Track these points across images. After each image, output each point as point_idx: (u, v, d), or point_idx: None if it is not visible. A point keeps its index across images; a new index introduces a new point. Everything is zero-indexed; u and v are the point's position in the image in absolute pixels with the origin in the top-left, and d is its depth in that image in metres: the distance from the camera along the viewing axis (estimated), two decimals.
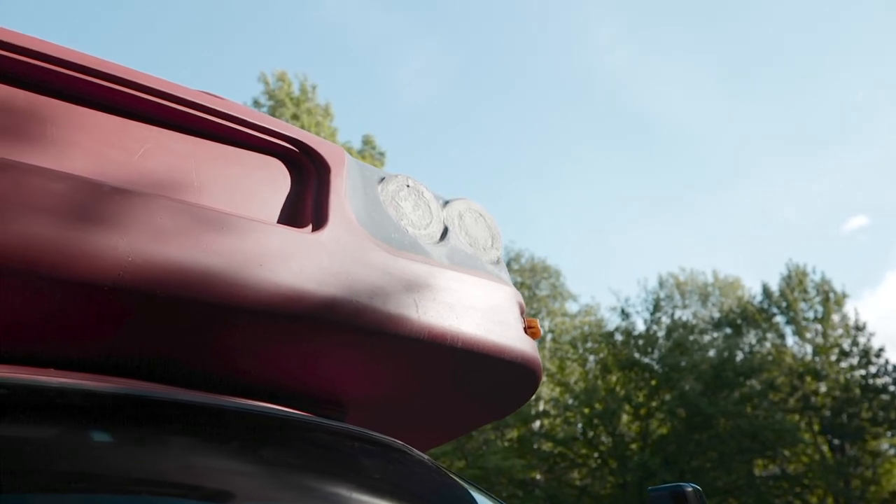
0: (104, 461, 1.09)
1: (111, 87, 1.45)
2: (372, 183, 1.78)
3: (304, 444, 1.40)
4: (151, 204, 1.36)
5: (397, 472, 1.44)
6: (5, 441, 1.03)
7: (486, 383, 1.86)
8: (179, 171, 1.50)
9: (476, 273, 1.82)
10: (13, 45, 1.35)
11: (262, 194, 1.61)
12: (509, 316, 1.82)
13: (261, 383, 1.58)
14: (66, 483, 1.03)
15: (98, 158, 1.40)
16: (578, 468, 22.82)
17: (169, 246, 1.34)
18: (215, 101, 1.61)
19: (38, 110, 1.38)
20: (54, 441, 1.08)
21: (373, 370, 1.69)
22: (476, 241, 1.94)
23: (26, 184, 1.25)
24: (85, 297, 1.29)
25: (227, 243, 1.40)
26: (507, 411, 2.10)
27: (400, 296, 1.60)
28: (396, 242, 1.69)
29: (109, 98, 1.46)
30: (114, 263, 1.28)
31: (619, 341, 23.13)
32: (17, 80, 1.38)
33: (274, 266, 1.44)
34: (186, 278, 1.34)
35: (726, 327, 24.05)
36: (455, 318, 1.68)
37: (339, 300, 1.50)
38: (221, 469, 1.20)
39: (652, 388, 22.18)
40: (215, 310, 1.39)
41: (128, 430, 1.16)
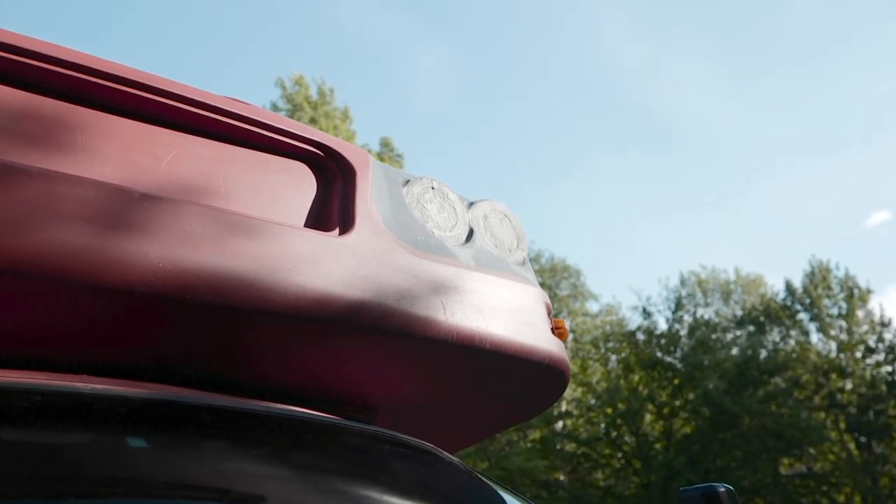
0: (139, 467, 1.09)
1: (138, 94, 1.46)
2: (397, 185, 1.78)
3: (336, 448, 1.40)
4: (180, 210, 1.37)
5: (428, 476, 1.44)
6: (43, 447, 1.04)
7: (514, 385, 1.85)
8: (207, 177, 1.51)
9: (502, 274, 1.82)
10: (41, 53, 1.36)
11: (288, 198, 1.61)
12: (536, 317, 1.82)
13: (290, 387, 1.59)
14: (101, 489, 1.03)
15: (127, 165, 1.41)
16: (602, 469, 22.74)
17: (199, 251, 1.34)
18: (241, 106, 1.62)
19: (67, 118, 1.39)
20: (90, 447, 1.09)
21: (401, 373, 1.69)
22: (501, 242, 1.93)
23: (57, 192, 1.26)
24: (116, 303, 1.30)
25: (256, 248, 1.41)
26: (535, 412, 2.09)
27: (427, 298, 1.60)
28: (422, 245, 1.69)
29: (137, 105, 1.47)
30: (145, 270, 1.28)
31: (641, 340, 23.03)
32: (46, 88, 1.39)
33: (302, 270, 1.44)
34: (216, 283, 1.34)
35: (749, 325, 23.88)
36: (482, 320, 1.67)
37: (366, 303, 1.50)
38: (255, 474, 1.20)
39: (675, 388, 22.06)
40: (245, 314, 1.39)
41: (162, 436, 1.17)
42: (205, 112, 1.54)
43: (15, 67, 1.34)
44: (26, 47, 1.35)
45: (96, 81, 1.42)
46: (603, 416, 22.19)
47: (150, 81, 1.48)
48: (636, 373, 22.79)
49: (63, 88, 1.40)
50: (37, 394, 1.12)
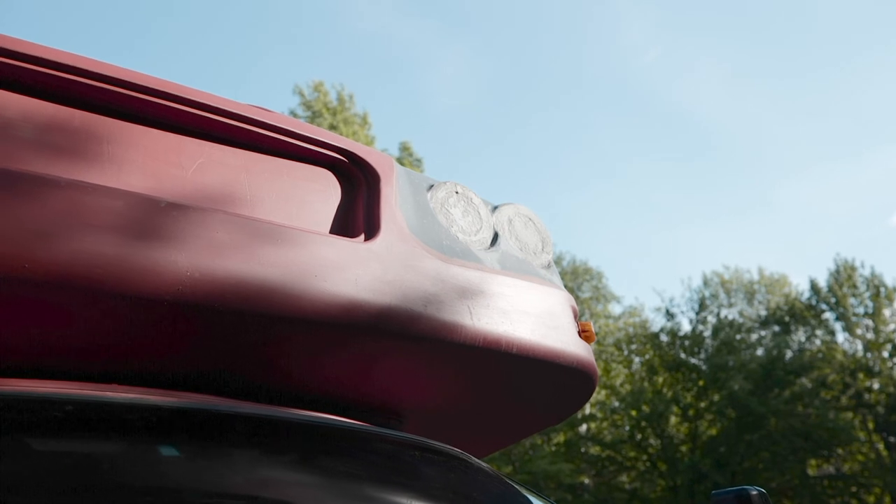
0: (172, 475, 1.09)
1: (164, 104, 1.47)
2: (421, 190, 1.78)
3: (367, 455, 1.40)
4: (208, 218, 1.37)
5: (458, 482, 1.43)
6: (75, 457, 1.05)
7: (542, 389, 1.84)
8: (233, 185, 1.51)
9: (528, 278, 1.81)
10: (68, 66, 1.38)
11: (313, 205, 1.62)
12: (563, 320, 1.81)
13: (318, 394, 1.59)
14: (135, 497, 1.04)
15: (154, 175, 1.42)
16: (627, 471, 22.58)
17: (226, 259, 1.34)
18: (265, 114, 1.62)
19: (95, 129, 1.40)
20: (123, 456, 1.09)
21: (428, 378, 1.69)
22: (526, 245, 1.93)
23: (86, 202, 1.26)
24: (146, 312, 1.30)
25: (283, 255, 1.41)
26: (563, 416, 2.08)
27: (454, 303, 1.60)
28: (448, 249, 1.69)
29: (163, 115, 1.48)
30: (173, 278, 1.29)
31: (664, 342, 22.87)
32: (74, 100, 1.40)
33: (329, 276, 1.44)
34: (244, 291, 1.35)
35: (774, 325, 23.64)
36: (509, 324, 1.66)
37: (393, 309, 1.50)
38: (287, 481, 1.20)
39: (700, 389, 21.88)
40: (273, 322, 1.40)
41: (194, 444, 1.17)
42: (230, 120, 1.54)
43: (44, 80, 1.36)
44: (54, 60, 1.36)
45: (123, 92, 1.43)
46: (627, 418, 22.04)
47: (176, 91, 1.48)
48: (660, 375, 22.64)
49: (90, 100, 1.41)
50: (69, 404, 1.12)
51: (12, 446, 1.04)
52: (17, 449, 1.04)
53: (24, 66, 1.34)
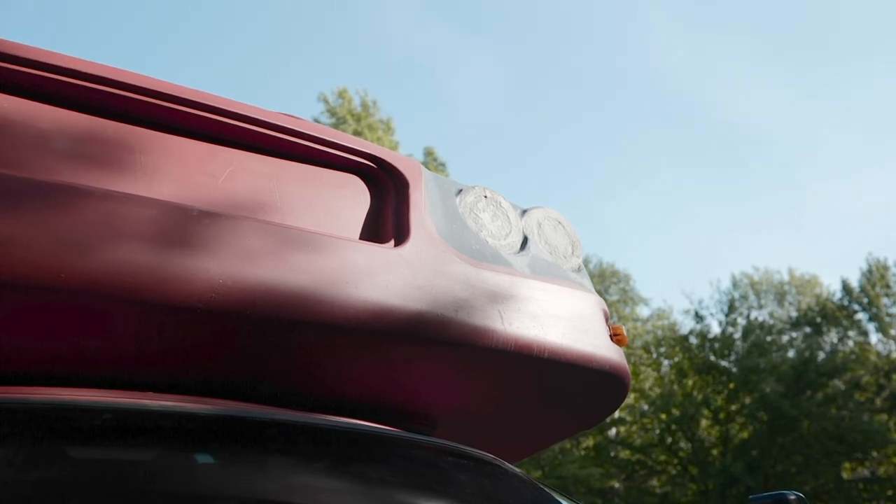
0: (208, 482, 1.10)
1: (195, 113, 1.48)
2: (450, 195, 1.77)
3: (401, 461, 1.39)
4: (239, 226, 1.38)
5: (492, 487, 1.43)
6: (114, 464, 1.05)
7: (574, 393, 1.83)
8: (263, 193, 1.52)
9: (558, 281, 1.80)
10: (102, 77, 1.39)
11: (342, 211, 1.62)
12: (595, 324, 1.79)
13: (350, 400, 1.59)
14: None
15: (185, 183, 1.43)
16: (658, 475, 22.40)
17: (258, 267, 1.35)
18: (294, 121, 1.63)
19: (128, 140, 1.42)
20: (159, 463, 1.10)
21: (460, 383, 1.68)
22: (556, 249, 1.92)
23: (120, 212, 1.28)
24: (179, 320, 1.31)
25: (314, 262, 1.41)
26: (595, 421, 2.07)
27: (484, 307, 1.59)
28: (478, 254, 1.68)
29: (193, 124, 1.49)
30: (206, 286, 1.30)
31: (694, 344, 22.68)
32: (107, 111, 1.41)
33: (360, 282, 1.44)
34: (276, 298, 1.35)
35: (805, 326, 23.34)
36: (540, 328, 1.66)
37: (424, 314, 1.50)
38: (321, 487, 1.20)
39: (731, 392, 21.66)
40: (305, 328, 1.40)
41: (228, 451, 1.17)
42: (259, 128, 1.55)
43: (78, 92, 1.37)
44: (87, 71, 1.38)
45: (154, 102, 1.44)
46: (657, 422, 21.88)
47: (206, 100, 1.50)
48: (690, 377, 22.44)
49: (123, 110, 1.42)
50: (107, 412, 1.13)
51: (52, 454, 1.05)
52: (57, 456, 1.05)
53: (58, 78, 1.35)
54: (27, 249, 1.19)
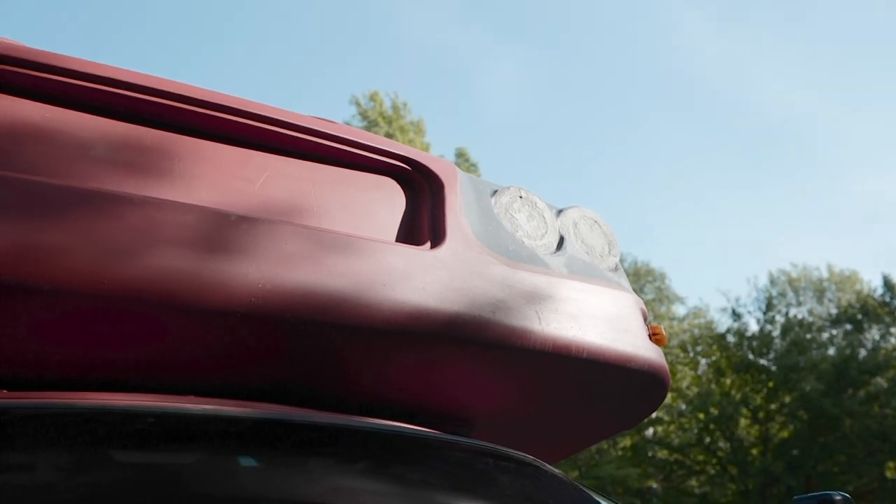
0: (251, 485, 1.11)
1: (231, 119, 1.49)
2: (485, 196, 1.77)
3: (441, 463, 1.39)
4: (276, 230, 1.39)
5: (532, 489, 1.42)
6: (159, 468, 1.07)
7: (613, 393, 1.82)
8: (299, 197, 1.53)
9: (596, 281, 1.79)
10: (140, 85, 1.41)
11: (378, 214, 1.62)
12: (633, 323, 1.78)
13: (388, 402, 1.59)
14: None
15: (222, 189, 1.45)
16: (696, 475, 22.18)
17: (296, 271, 1.36)
18: (328, 125, 1.64)
19: (166, 146, 1.43)
20: (203, 466, 1.11)
21: (498, 385, 1.68)
22: (593, 248, 1.90)
23: (159, 218, 1.29)
24: (219, 325, 1.32)
25: (351, 265, 1.42)
26: (634, 421, 2.05)
27: (522, 308, 1.59)
28: (514, 255, 1.68)
29: (230, 130, 1.50)
30: (245, 291, 1.31)
31: (731, 343, 22.42)
32: (145, 118, 1.43)
33: (397, 285, 1.44)
34: (314, 302, 1.36)
35: (846, 323, 22.95)
36: (578, 329, 1.65)
37: (462, 316, 1.50)
38: (363, 490, 1.21)
39: (770, 390, 21.37)
40: (343, 331, 1.41)
41: (270, 454, 1.18)
42: (295, 133, 1.56)
43: (116, 100, 1.39)
44: (126, 80, 1.40)
45: (192, 109, 1.46)
46: (695, 421, 21.66)
47: (242, 106, 1.51)
48: (728, 376, 22.19)
49: (161, 118, 1.44)
50: (150, 416, 1.15)
51: (98, 458, 1.07)
52: (102, 460, 1.06)
53: (97, 87, 1.37)
54: (70, 257, 1.21)
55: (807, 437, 20.16)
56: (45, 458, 1.05)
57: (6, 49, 1.32)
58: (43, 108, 1.34)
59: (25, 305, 1.21)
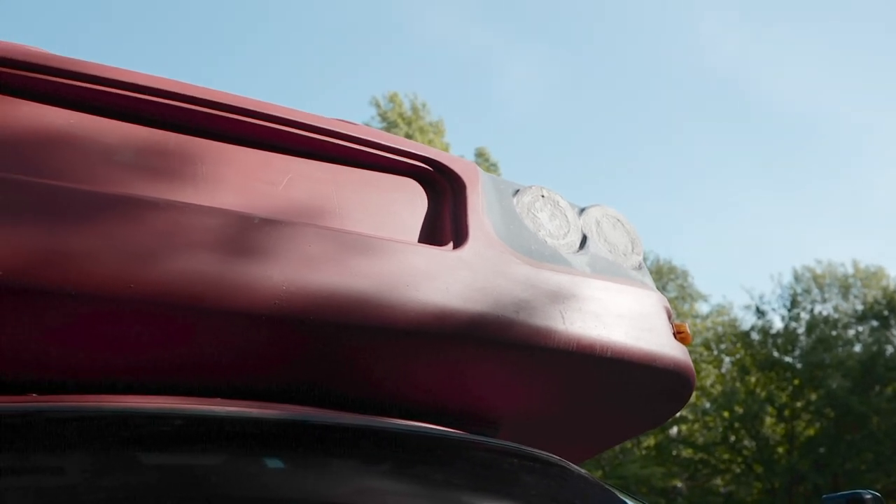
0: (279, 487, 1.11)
1: (254, 122, 1.50)
2: (507, 196, 1.76)
3: (467, 463, 1.39)
4: (299, 232, 1.39)
5: (559, 489, 1.42)
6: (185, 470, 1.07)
7: (638, 393, 1.81)
8: (322, 198, 1.53)
9: (619, 280, 1.78)
10: (163, 90, 1.42)
11: (400, 215, 1.63)
12: (658, 322, 1.77)
13: (413, 403, 1.59)
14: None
15: (246, 192, 1.45)
16: (721, 474, 22.04)
17: (320, 272, 1.36)
18: (349, 127, 1.64)
19: (189, 150, 1.44)
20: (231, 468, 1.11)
21: (522, 385, 1.68)
22: (616, 247, 1.89)
23: (184, 222, 1.30)
24: (243, 327, 1.33)
25: (375, 266, 1.42)
26: (660, 420, 2.04)
27: (545, 308, 1.58)
28: (537, 254, 1.67)
29: (253, 133, 1.51)
30: (269, 293, 1.31)
31: (756, 340, 22.25)
32: (168, 123, 1.44)
33: (421, 286, 1.44)
34: (338, 303, 1.36)
35: (872, 320, 22.69)
36: (603, 328, 1.64)
37: (485, 316, 1.49)
38: (390, 491, 1.21)
39: (795, 388, 21.19)
40: (366, 332, 1.41)
41: (295, 456, 1.19)
42: (316, 135, 1.57)
43: (140, 105, 1.40)
44: (149, 85, 1.41)
45: (214, 113, 1.47)
46: (719, 420, 21.52)
47: (264, 109, 1.51)
48: (753, 374, 22.03)
49: (184, 122, 1.45)
50: (178, 418, 1.16)
51: (125, 460, 1.07)
52: (130, 463, 1.07)
53: (122, 92, 1.39)
54: (96, 261, 1.22)
55: (833, 435, 19.97)
56: (75, 461, 1.06)
57: (33, 57, 1.34)
58: (68, 114, 1.36)
59: (52, 310, 1.22)
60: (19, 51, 1.34)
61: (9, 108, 1.31)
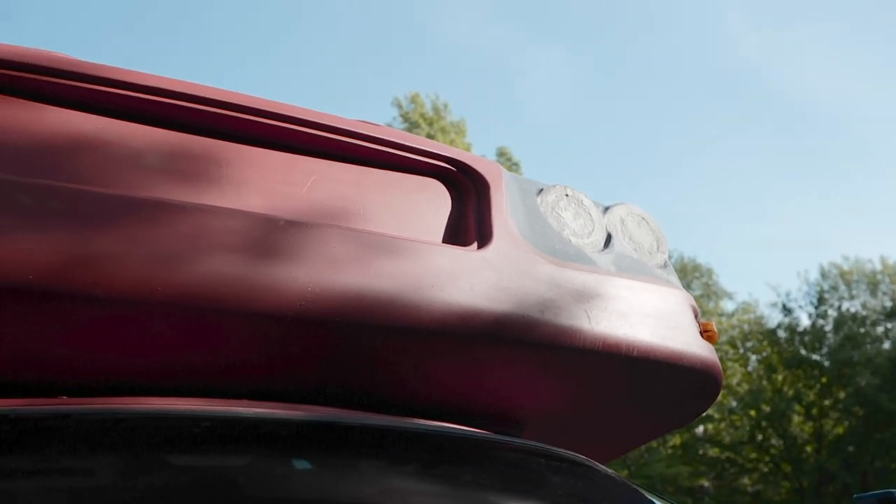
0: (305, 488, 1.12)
1: (277, 125, 1.51)
2: (531, 195, 1.76)
3: (494, 463, 1.39)
4: (324, 234, 1.40)
5: (586, 489, 1.41)
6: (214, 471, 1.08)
7: (665, 392, 1.80)
8: (346, 200, 1.54)
9: (645, 278, 1.77)
10: (187, 94, 1.43)
11: (424, 216, 1.63)
12: (684, 320, 1.75)
13: (438, 403, 1.59)
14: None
15: (270, 194, 1.46)
16: (749, 474, 21.86)
17: (344, 274, 1.37)
18: (373, 128, 1.64)
19: (214, 154, 1.45)
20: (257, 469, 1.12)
21: (547, 385, 1.67)
22: (641, 245, 1.88)
23: (211, 225, 1.31)
24: (270, 329, 1.34)
25: (399, 267, 1.42)
26: (686, 420, 2.03)
27: (570, 307, 1.57)
28: (561, 253, 1.66)
29: (276, 135, 1.52)
30: (295, 294, 1.32)
31: (782, 338, 22.03)
32: (193, 127, 1.45)
33: (445, 286, 1.44)
34: (363, 304, 1.36)
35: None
36: (628, 327, 1.63)
37: (510, 316, 1.49)
38: (417, 492, 1.21)
39: (823, 386, 20.96)
40: (391, 333, 1.41)
41: (323, 457, 1.19)
42: (340, 137, 1.57)
43: (166, 110, 1.41)
44: (173, 89, 1.42)
45: (237, 116, 1.48)
46: (746, 418, 21.34)
47: (288, 112, 1.52)
48: (779, 372, 21.82)
49: (209, 126, 1.46)
50: (205, 420, 1.16)
51: (155, 462, 1.08)
52: (159, 464, 1.08)
53: (147, 97, 1.40)
54: (123, 265, 1.23)
55: (862, 434, 19.73)
56: (107, 462, 1.07)
57: (60, 63, 1.35)
58: (95, 119, 1.37)
59: (80, 313, 1.23)
60: (47, 57, 1.35)
61: (38, 114, 1.33)
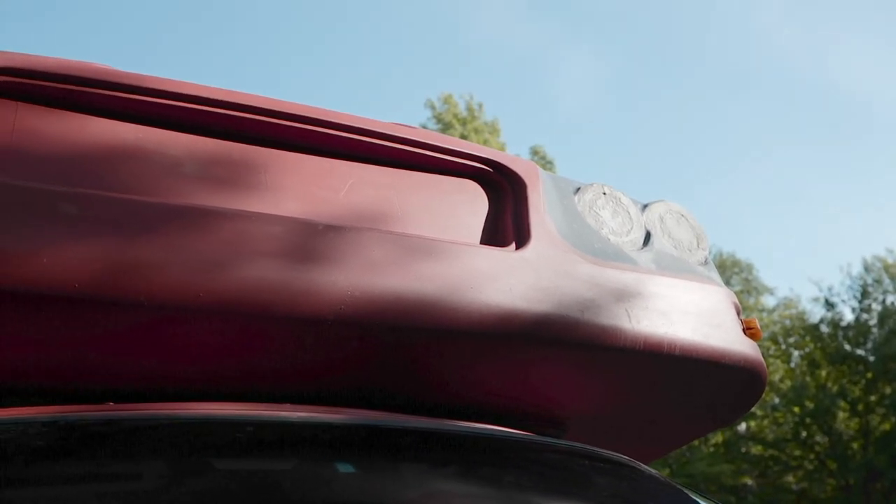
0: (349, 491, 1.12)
1: (314, 129, 1.52)
2: (568, 194, 1.75)
3: (537, 465, 1.38)
4: (362, 237, 1.40)
5: (631, 490, 1.40)
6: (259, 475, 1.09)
7: (708, 390, 1.77)
8: (383, 203, 1.54)
9: (685, 276, 1.75)
10: (224, 101, 1.45)
11: (461, 217, 1.63)
12: (726, 318, 1.73)
13: (479, 405, 1.59)
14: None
15: (308, 199, 1.47)
16: (793, 471, 21.49)
17: (383, 277, 1.37)
18: (408, 130, 1.65)
19: (252, 160, 1.47)
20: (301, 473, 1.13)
21: (589, 385, 1.66)
22: (680, 243, 1.86)
23: (250, 230, 1.32)
24: (310, 333, 1.35)
25: (438, 269, 1.42)
26: (731, 419, 2.00)
27: (611, 307, 1.56)
28: (600, 252, 1.65)
29: (313, 140, 1.53)
30: (335, 298, 1.32)
31: (825, 333, 21.63)
32: (231, 134, 1.47)
33: (484, 287, 1.44)
34: (403, 307, 1.37)
35: None
36: (670, 325, 1.61)
37: (550, 316, 1.48)
38: (461, 494, 1.21)
39: (868, 382, 20.52)
40: (431, 335, 1.41)
41: (366, 460, 1.19)
42: (376, 140, 1.58)
43: (203, 118, 1.43)
44: (211, 97, 1.44)
45: (275, 122, 1.49)
46: (790, 415, 21.00)
47: (324, 116, 1.53)
48: (823, 368, 21.42)
49: (246, 132, 1.47)
50: (250, 424, 1.17)
51: (200, 466, 1.10)
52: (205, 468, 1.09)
53: (186, 105, 1.42)
54: (165, 272, 1.24)
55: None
56: (152, 467, 1.09)
57: (101, 74, 1.38)
58: (136, 128, 1.39)
59: (124, 320, 1.25)
60: (88, 69, 1.38)
61: (81, 125, 1.35)
